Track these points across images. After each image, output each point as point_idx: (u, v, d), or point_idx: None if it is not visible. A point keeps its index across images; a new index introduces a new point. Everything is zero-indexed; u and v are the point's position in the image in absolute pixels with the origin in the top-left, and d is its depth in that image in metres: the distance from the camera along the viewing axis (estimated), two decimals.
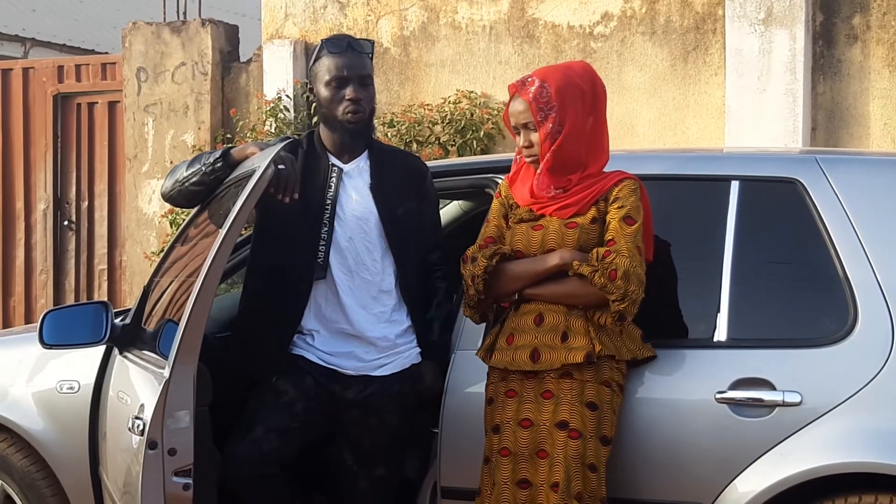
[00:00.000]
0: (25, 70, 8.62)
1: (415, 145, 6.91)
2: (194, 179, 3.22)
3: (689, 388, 2.97)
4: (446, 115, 7.03)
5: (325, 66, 3.19)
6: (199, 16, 8.07)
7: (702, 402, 2.91)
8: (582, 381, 2.89)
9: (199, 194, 3.26)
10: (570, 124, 2.96)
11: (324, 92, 3.20)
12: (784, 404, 2.84)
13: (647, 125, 6.92)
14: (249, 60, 7.95)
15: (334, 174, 3.22)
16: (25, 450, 3.79)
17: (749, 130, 6.49)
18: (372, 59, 3.31)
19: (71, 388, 3.71)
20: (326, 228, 3.18)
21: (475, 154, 6.90)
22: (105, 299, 7.75)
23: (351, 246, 3.21)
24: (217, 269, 2.84)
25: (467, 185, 3.64)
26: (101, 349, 3.61)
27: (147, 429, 2.82)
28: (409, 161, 3.44)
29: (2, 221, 8.64)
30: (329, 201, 3.19)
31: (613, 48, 7.02)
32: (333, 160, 3.26)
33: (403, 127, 6.99)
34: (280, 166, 2.99)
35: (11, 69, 8.66)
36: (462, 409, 3.16)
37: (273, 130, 7.25)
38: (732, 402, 2.88)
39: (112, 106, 8.33)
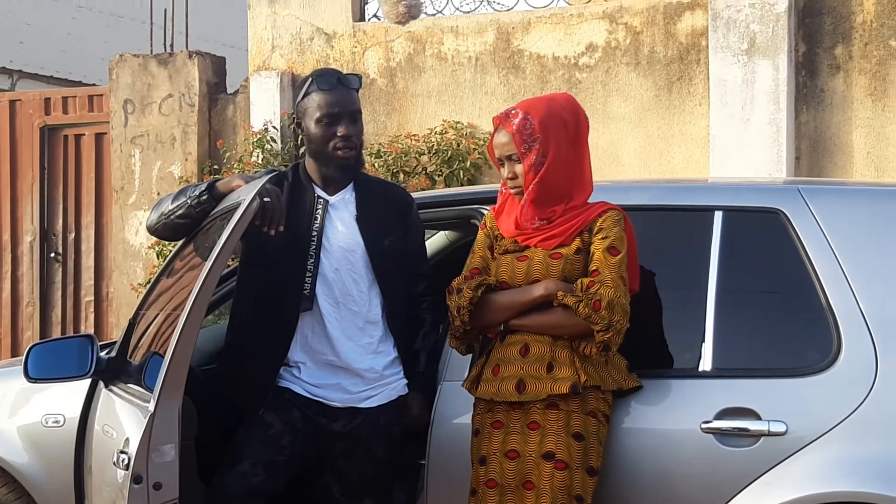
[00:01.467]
0: (12, 102, 8.63)
1: (402, 175, 6.92)
2: (180, 212, 3.22)
3: (674, 418, 2.96)
4: (433, 145, 7.05)
5: (316, 103, 3.20)
6: (187, 48, 8.08)
7: (687, 431, 2.91)
8: (568, 412, 2.89)
9: (184, 227, 3.26)
10: (553, 155, 2.97)
11: (314, 128, 3.21)
12: (769, 434, 2.84)
13: (633, 155, 6.94)
14: (236, 92, 7.97)
15: (320, 206, 3.23)
16: (10, 484, 3.77)
17: (733, 160, 6.52)
18: (358, 91, 3.31)
19: (56, 421, 3.70)
20: (313, 260, 3.18)
21: (462, 184, 6.92)
22: (91, 332, 7.74)
23: (337, 277, 3.21)
24: (202, 302, 2.84)
25: (453, 216, 3.64)
26: (86, 382, 3.60)
27: (132, 463, 2.81)
28: (395, 192, 3.44)
29: None
30: (315, 233, 3.19)
31: (598, 79, 7.05)
32: (319, 192, 3.27)
33: (390, 157, 7.00)
34: (266, 199, 2.99)
35: None
36: (449, 440, 3.15)
37: (260, 161, 7.26)
38: (718, 432, 2.88)
39: (99, 138, 8.34)
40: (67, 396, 3.69)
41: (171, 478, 2.84)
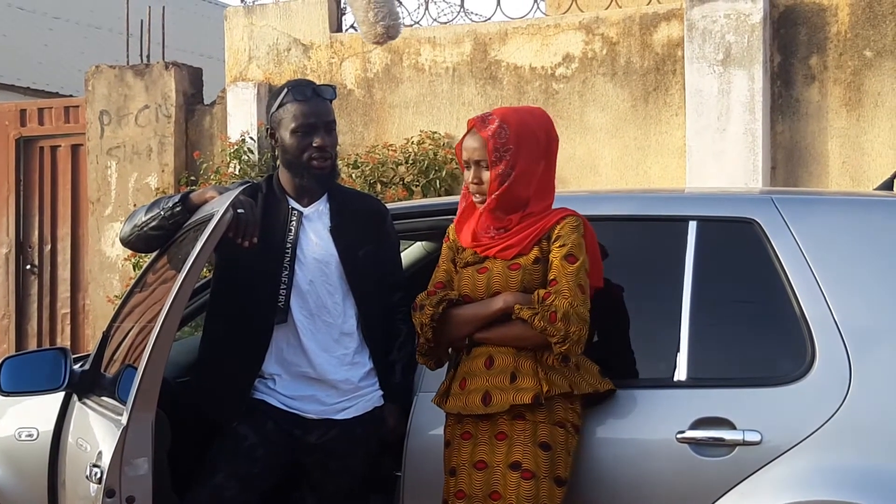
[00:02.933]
0: None
1: (379, 186, 6.92)
2: (153, 224, 3.20)
3: (649, 427, 2.96)
4: (410, 155, 7.05)
5: (291, 114, 3.19)
6: (163, 59, 8.05)
7: (662, 441, 2.91)
8: (535, 422, 2.88)
9: (157, 239, 3.25)
10: (521, 168, 2.97)
11: (289, 139, 3.20)
12: (744, 443, 2.84)
13: (609, 165, 6.95)
14: (213, 103, 7.94)
15: (294, 217, 3.22)
16: None
17: (709, 170, 6.54)
18: (332, 102, 3.31)
19: (30, 435, 3.69)
20: (287, 272, 3.17)
21: (439, 194, 6.92)
22: (66, 345, 7.69)
23: (312, 289, 3.19)
24: (175, 315, 2.83)
25: (427, 226, 3.64)
26: (60, 396, 3.57)
27: (105, 476, 2.78)
28: (369, 203, 3.44)
29: None
30: (289, 244, 3.18)
31: (575, 89, 7.07)
32: (293, 203, 3.25)
33: (367, 168, 6.99)
34: (239, 210, 2.98)
35: None
36: (425, 451, 3.14)
37: (237, 172, 7.24)
38: (693, 442, 2.87)
39: (75, 149, 8.29)
40: (41, 410, 3.66)
41: (144, 492, 2.82)
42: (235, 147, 7.40)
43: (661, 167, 6.86)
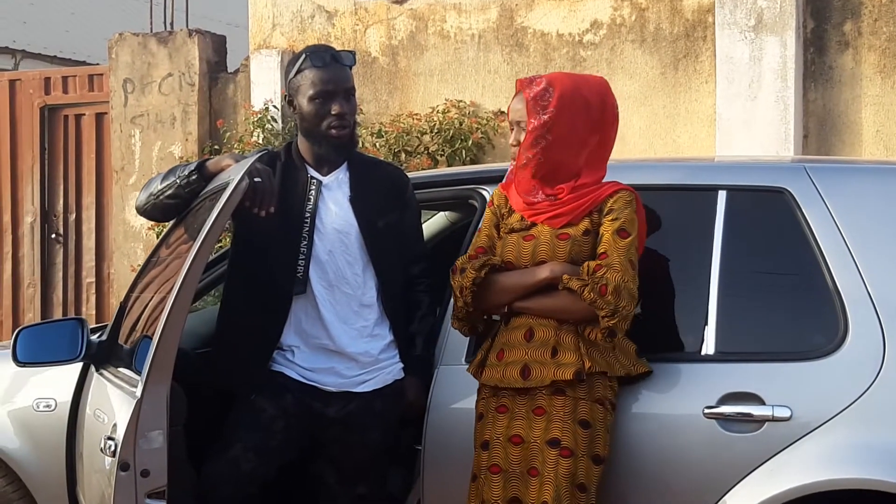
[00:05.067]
0: (12, 82, 8.56)
1: (403, 155, 6.86)
2: (169, 192, 3.15)
3: (676, 403, 2.90)
4: (435, 124, 6.98)
5: (309, 80, 3.13)
6: (187, 26, 8.00)
7: (690, 417, 2.85)
8: (575, 399, 2.82)
9: (174, 207, 3.20)
10: (559, 132, 2.90)
11: (307, 106, 3.14)
12: (774, 419, 2.78)
13: (638, 134, 6.87)
14: (237, 71, 7.90)
15: (313, 187, 3.17)
16: (2, 469, 3.72)
17: (740, 138, 6.45)
18: (352, 68, 3.25)
19: (48, 405, 3.66)
20: (306, 242, 3.12)
21: (464, 163, 6.86)
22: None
23: (331, 259, 3.15)
24: (190, 285, 2.78)
25: (450, 196, 3.58)
26: (78, 366, 3.54)
27: (119, 450, 2.75)
28: (390, 172, 3.38)
29: None
30: (308, 214, 3.14)
31: (603, 56, 6.99)
32: (312, 172, 3.20)
33: (392, 137, 6.92)
34: (256, 179, 2.93)
35: None
36: (446, 425, 3.10)
37: (261, 141, 7.19)
38: (721, 418, 2.82)
39: (99, 117, 8.27)
40: (59, 380, 3.64)
41: (159, 465, 2.79)
42: (259, 115, 7.34)
43: (691, 136, 6.78)
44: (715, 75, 6.62)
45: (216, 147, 7.62)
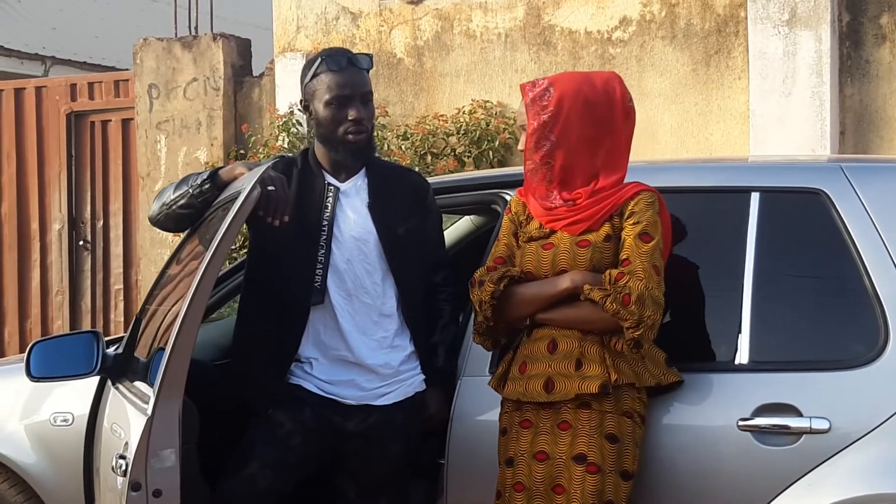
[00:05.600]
0: (38, 89, 8.57)
1: (429, 157, 6.79)
2: (181, 202, 3.09)
3: (709, 414, 2.80)
4: (461, 125, 6.91)
5: (325, 84, 3.06)
6: (211, 30, 7.97)
7: (723, 429, 2.75)
8: (601, 412, 2.73)
9: (187, 217, 3.13)
10: (562, 134, 2.81)
11: (324, 111, 3.08)
12: (811, 431, 2.68)
13: (669, 132, 6.78)
14: (262, 74, 7.86)
15: (330, 194, 3.10)
16: (20, 485, 3.67)
17: (775, 136, 6.35)
18: (369, 72, 3.17)
19: (65, 420, 3.61)
20: (323, 251, 3.05)
21: (492, 165, 6.79)
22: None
23: (349, 268, 3.08)
24: (201, 297, 2.70)
25: (472, 201, 3.51)
26: (95, 379, 3.47)
27: (129, 469, 2.67)
28: (409, 177, 3.30)
29: (17, 242, 8.58)
30: (325, 222, 3.07)
31: (633, 53, 6.90)
32: (330, 179, 3.14)
33: (417, 139, 6.85)
34: (269, 187, 2.86)
35: (24, 88, 8.61)
36: (469, 438, 3.02)
37: (286, 145, 7.13)
38: (756, 430, 2.72)
39: (125, 123, 8.27)
40: (77, 394, 3.58)
41: (171, 484, 2.71)
42: (284, 119, 7.29)
43: (724, 133, 6.68)
44: (748, 71, 6.52)
45: (242, 152, 7.59)
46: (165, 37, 7.96)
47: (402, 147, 6.84)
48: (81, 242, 8.49)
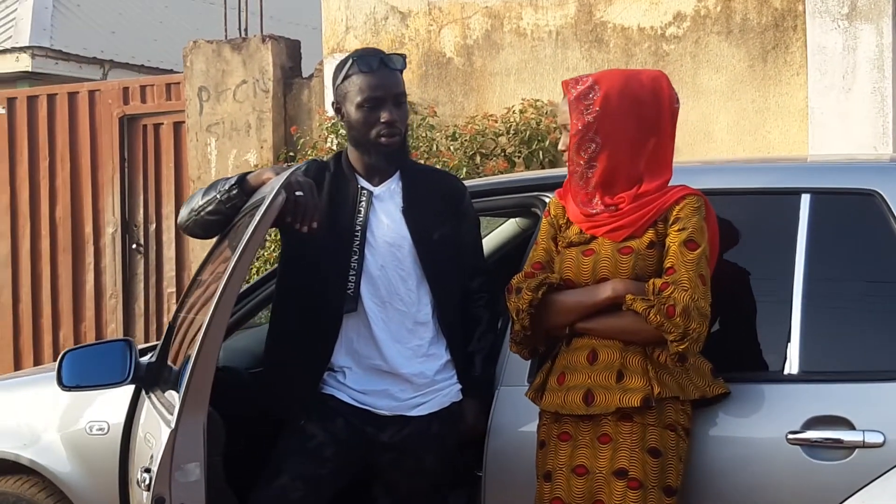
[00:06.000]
0: (91, 93, 8.61)
1: (478, 158, 6.70)
2: (209, 208, 3.03)
3: (757, 427, 2.70)
4: (511, 125, 6.80)
5: (357, 86, 3.00)
6: (261, 31, 7.95)
7: (772, 443, 2.65)
8: (643, 425, 2.63)
9: (216, 224, 3.08)
10: (608, 135, 2.70)
11: (355, 114, 3.02)
12: (865, 445, 2.57)
13: (725, 130, 6.61)
14: (311, 76, 7.84)
15: (364, 198, 3.04)
16: (56, 494, 3.65)
17: (834, 133, 6.16)
18: (402, 72, 3.11)
19: (101, 429, 3.58)
20: (356, 257, 2.99)
21: (542, 165, 6.69)
22: (128, 336, 7.68)
23: (383, 275, 3.01)
24: (225, 307, 2.63)
25: (511, 204, 3.42)
26: (130, 388, 3.43)
27: (153, 483, 2.60)
28: (445, 181, 3.23)
29: (71, 246, 8.62)
30: (358, 227, 3.01)
31: (687, 50, 6.74)
32: (363, 183, 3.07)
33: (466, 139, 6.77)
34: (297, 193, 2.79)
35: (77, 92, 8.65)
36: (508, 450, 2.94)
37: (335, 147, 7.08)
38: (806, 444, 2.62)
39: (177, 126, 8.29)
40: (112, 403, 3.54)
41: (196, 499, 2.64)
42: (333, 121, 7.23)
43: (782, 131, 6.48)
44: (806, 67, 6.32)
45: (291, 154, 7.57)
46: (215, 39, 7.95)
47: (451, 148, 6.76)
48: (134, 246, 8.51)
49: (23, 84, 11.27)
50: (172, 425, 2.62)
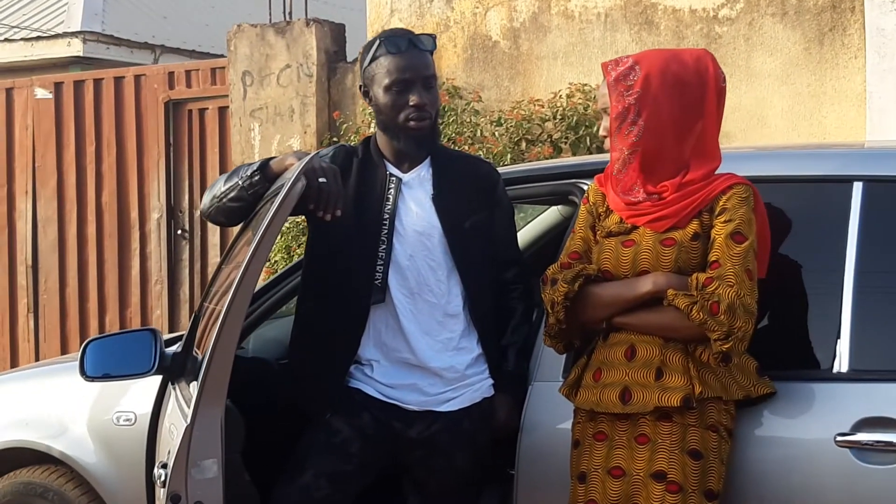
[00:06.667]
0: (137, 77, 8.59)
1: (524, 144, 6.58)
2: (232, 195, 2.94)
3: (803, 428, 2.58)
4: (558, 110, 6.68)
5: (385, 68, 2.90)
6: (305, 14, 7.88)
7: (819, 444, 2.53)
8: (683, 425, 2.51)
9: (239, 211, 2.98)
10: (650, 117, 2.57)
11: (383, 97, 2.91)
12: None
13: (780, 115, 6.43)
14: (355, 60, 7.75)
15: (392, 185, 2.94)
16: (84, 486, 3.61)
17: (894, 118, 5.93)
18: (433, 54, 2.99)
19: (128, 419, 3.54)
20: (384, 246, 2.90)
21: (590, 151, 6.57)
22: (154, 326, 7.67)
23: (412, 265, 2.92)
24: (243, 297, 2.55)
25: (547, 191, 3.31)
26: (158, 378, 3.36)
27: (169, 480, 2.52)
28: (478, 167, 3.12)
29: (117, 231, 8.62)
30: (387, 215, 2.92)
31: (740, 32, 6.56)
32: (392, 169, 2.98)
33: (512, 125, 6.66)
34: (321, 179, 2.70)
35: (123, 77, 8.63)
36: (541, 448, 2.84)
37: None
38: (856, 446, 2.50)
39: (222, 111, 8.25)
40: (140, 393, 3.50)
41: (214, 496, 2.56)
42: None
43: (838, 116, 6.31)
44: (864, 50, 6.12)
45: (335, 139, 7.50)
46: (259, 23, 7.89)
47: (496, 133, 6.66)
48: (179, 232, 8.49)
49: (75, 69, 11.33)
50: (188, 420, 2.53)
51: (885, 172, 2.75)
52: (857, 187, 2.70)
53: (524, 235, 4.00)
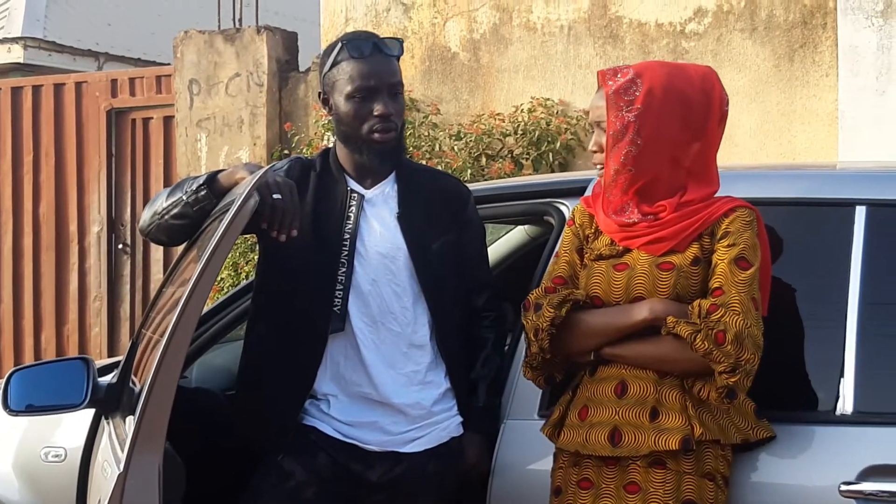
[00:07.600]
0: (78, 84, 8.44)
1: (484, 159, 6.56)
2: (175, 211, 2.72)
3: (805, 476, 2.43)
4: (519, 125, 6.66)
5: (347, 74, 2.73)
6: (256, 22, 7.77)
7: (822, 493, 2.38)
8: (678, 473, 2.37)
9: (182, 229, 2.77)
10: (650, 135, 2.44)
11: (345, 106, 2.75)
12: None
13: (748, 134, 6.43)
14: (308, 70, 7.72)
15: (353, 202, 2.76)
16: None
17: (866, 138, 5.94)
18: (399, 59, 2.82)
19: (57, 455, 3.33)
20: (344, 269, 2.72)
21: (552, 168, 6.58)
22: (86, 354, 7.47)
23: (375, 290, 2.74)
24: (187, 325, 2.33)
25: (521, 211, 3.17)
26: (90, 410, 3.12)
27: None
28: (447, 184, 2.96)
29: (55, 245, 8.44)
30: (347, 235, 2.73)
31: (708, 48, 6.56)
32: (353, 185, 2.80)
33: (471, 140, 6.62)
34: (275, 196, 2.50)
35: (64, 84, 8.49)
36: (514, 491, 2.69)
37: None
38: (862, 497, 2.35)
39: (167, 121, 8.14)
40: (69, 426, 3.29)
41: None
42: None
43: (809, 136, 6.31)
44: (837, 67, 6.14)
45: (286, 152, 7.44)
46: (207, 30, 7.71)
47: (455, 148, 6.60)
48: (121, 246, 8.35)
49: (15, 76, 11.09)
50: (121, 467, 2.27)
51: (889, 196, 2.61)
52: (860, 211, 2.58)
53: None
